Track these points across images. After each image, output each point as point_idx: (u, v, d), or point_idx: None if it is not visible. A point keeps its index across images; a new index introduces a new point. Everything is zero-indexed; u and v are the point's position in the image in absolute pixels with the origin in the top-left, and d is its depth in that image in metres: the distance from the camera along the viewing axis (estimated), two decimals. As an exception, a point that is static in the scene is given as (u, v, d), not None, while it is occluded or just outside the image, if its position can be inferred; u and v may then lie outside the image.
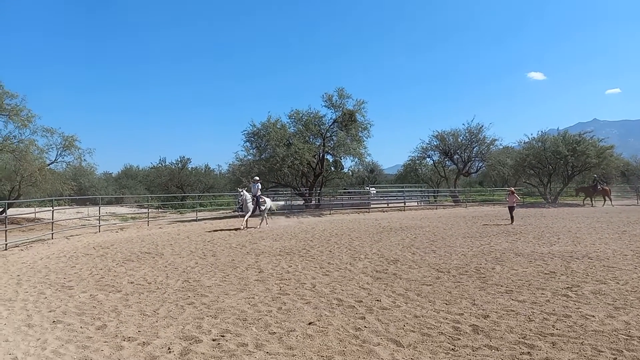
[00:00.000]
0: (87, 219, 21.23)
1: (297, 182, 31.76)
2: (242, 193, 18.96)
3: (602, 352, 4.62)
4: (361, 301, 6.79)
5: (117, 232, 17.80)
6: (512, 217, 19.43)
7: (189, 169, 43.49)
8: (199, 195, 30.29)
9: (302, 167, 28.43)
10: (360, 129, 30.37)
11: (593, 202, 33.01)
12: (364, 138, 30.88)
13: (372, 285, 7.87)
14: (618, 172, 37.91)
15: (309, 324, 5.74)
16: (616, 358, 4.46)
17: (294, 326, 5.65)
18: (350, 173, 40.82)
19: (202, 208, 28.41)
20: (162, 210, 31.44)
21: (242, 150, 29.99)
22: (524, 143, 39.36)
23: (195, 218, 23.57)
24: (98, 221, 18.60)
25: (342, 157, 32.23)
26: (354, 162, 34.02)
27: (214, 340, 5.21)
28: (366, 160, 35.33)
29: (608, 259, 10.05)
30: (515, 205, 19.87)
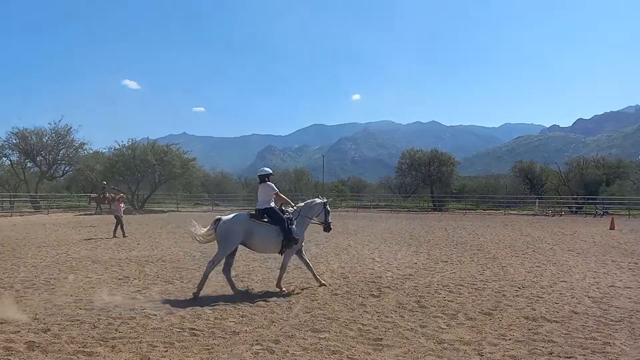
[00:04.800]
0: None
1: None
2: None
3: (156, 347, 4.99)
4: None
5: None
6: (121, 228, 16.17)
7: None
8: None
9: None
10: None
11: (101, 209, 31.50)
12: None
13: None
14: (199, 182, 42.88)
15: None
16: (167, 350, 4.91)
17: None
18: None
19: None
20: None
21: None
22: (115, 149, 39.56)
23: None
24: None
25: None
26: None
27: None
28: None
29: (179, 260, 11.12)
30: (121, 214, 16.54)
